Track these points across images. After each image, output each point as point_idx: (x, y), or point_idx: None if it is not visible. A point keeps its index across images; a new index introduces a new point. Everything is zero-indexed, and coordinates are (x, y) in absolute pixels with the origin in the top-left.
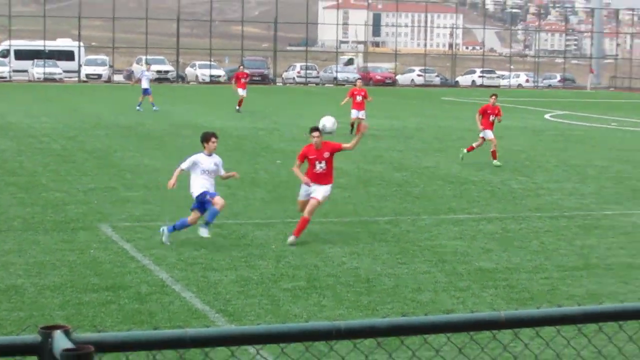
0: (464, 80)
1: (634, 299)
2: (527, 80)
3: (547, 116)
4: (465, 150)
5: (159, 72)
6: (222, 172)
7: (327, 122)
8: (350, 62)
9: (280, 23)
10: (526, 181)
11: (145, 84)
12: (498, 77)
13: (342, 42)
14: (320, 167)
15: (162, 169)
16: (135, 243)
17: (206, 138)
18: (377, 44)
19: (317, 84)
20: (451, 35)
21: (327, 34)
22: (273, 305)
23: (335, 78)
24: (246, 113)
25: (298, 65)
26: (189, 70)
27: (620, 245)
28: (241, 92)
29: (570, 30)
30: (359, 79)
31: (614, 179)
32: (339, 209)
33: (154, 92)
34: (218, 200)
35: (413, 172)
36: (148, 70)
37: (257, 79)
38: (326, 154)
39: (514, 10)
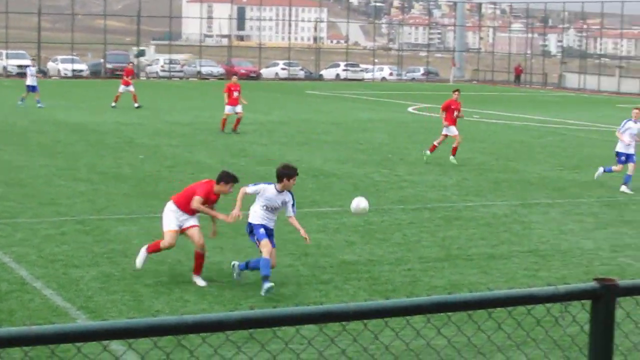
0: (328, 73)
1: (491, 288)
2: (390, 74)
3: (410, 109)
4: (428, 152)
5: (19, 66)
6: (291, 212)
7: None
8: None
9: (144, 17)
10: (389, 174)
11: (29, 81)
12: (362, 70)
13: (206, 36)
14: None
15: (23, 166)
16: None
17: (288, 175)
18: (241, 38)
19: (181, 77)
20: (315, 29)
21: (191, 27)
22: (135, 302)
23: (199, 72)
24: (109, 107)
25: (162, 58)
26: (50, 65)
27: (481, 236)
28: (123, 88)
29: (434, 24)
30: (234, 74)
31: (475, 171)
32: None
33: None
34: (267, 249)
35: (276, 166)
36: (33, 66)
37: (121, 73)
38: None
39: (377, 4)
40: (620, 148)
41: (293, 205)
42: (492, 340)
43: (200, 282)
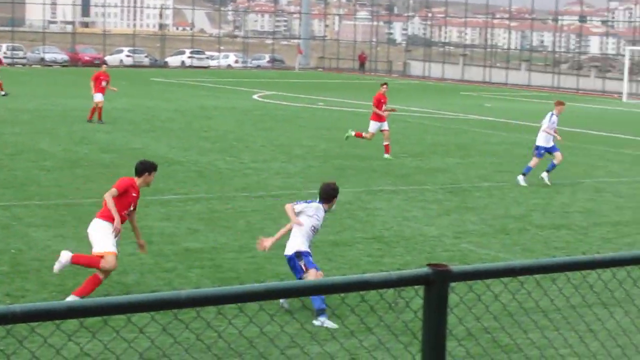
0: (173, 61)
1: (338, 274)
2: (236, 61)
3: (255, 96)
4: (352, 133)
5: None
6: None
7: None
8: None
9: None
10: (233, 161)
11: None
12: (207, 57)
13: (50, 22)
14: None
15: None
16: None
17: (334, 195)
18: (86, 25)
19: (24, 64)
20: (161, 15)
21: (34, 13)
22: None
23: (43, 59)
24: None
25: (4, 45)
26: None
27: (326, 223)
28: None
29: (280, 12)
30: (104, 63)
31: (320, 157)
32: (44, 192)
33: None
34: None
35: (121, 154)
36: None
37: None
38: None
39: None
40: (541, 142)
41: None
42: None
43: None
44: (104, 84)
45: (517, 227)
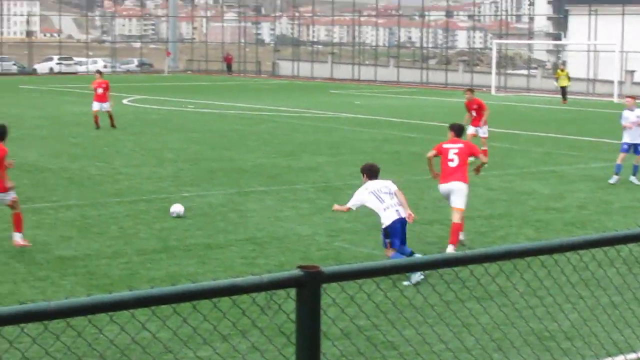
0: (41, 67)
1: (210, 278)
2: (105, 66)
3: (125, 101)
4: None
5: None
6: None
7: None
8: None
9: None
10: (105, 167)
11: None
12: (76, 63)
13: None
14: None
15: None
16: None
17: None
18: None
19: None
20: (28, 22)
21: None
22: None
23: None
24: None
25: None
26: None
27: (198, 226)
28: None
29: (147, 15)
30: (98, 71)
31: (190, 160)
32: None
33: None
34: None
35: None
36: None
37: None
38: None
39: None
40: (625, 138)
41: None
42: (198, 331)
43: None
44: (100, 91)
45: None
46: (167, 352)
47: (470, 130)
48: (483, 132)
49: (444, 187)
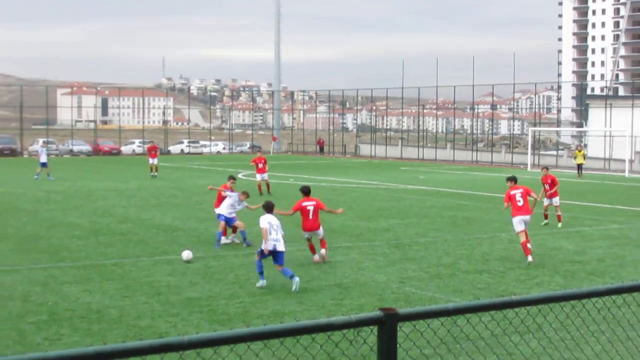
0: (174, 149)
1: (308, 315)
2: (224, 148)
3: (240, 175)
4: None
5: None
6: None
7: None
8: None
9: (25, 106)
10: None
11: (43, 159)
12: (201, 146)
13: (77, 121)
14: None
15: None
16: None
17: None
18: (105, 122)
19: (57, 155)
20: (164, 114)
21: (64, 114)
22: (20, 337)
23: (71, 150)
24: None
25: (41, 140)
26: None
27: (297, 274)
28: None
29: (257, 108)
30: (258, 150)
31: (293, 222)
32: (74, 255)
33: None
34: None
35: (134, 223)
36: (43, 147)
37: (7, 152)
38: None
39: (212, 93)
40: None
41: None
42: None
43: None
44: (260, 165)
45: (448, 272)
46: None
47: (546, 202)
48: (556, 201)
49: (517, 218)
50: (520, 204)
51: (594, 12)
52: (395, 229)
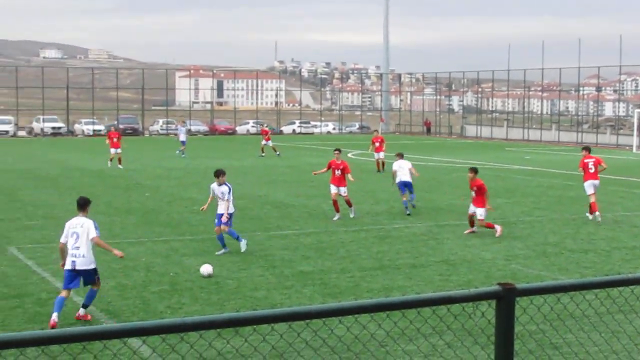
0: (286, 129)
1: (416, 290)
2: (334, 128)
3: (349, 155)
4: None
5: (53, 128)
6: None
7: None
8: None
9: (146, 89)
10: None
11: (182, 137)
12: (312, 126)
13: (194, 102)
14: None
15: (56, 203)
16: (36, 260)
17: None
18: (220, 103)
19: (175, 134)
20: (276, 95)
21: (182, 96)
22: (144, 305)
23: (189, 130)
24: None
25: (161, 120)
26: (77, 126)
27: (405, 250)
28: (113, 151)
29: (366, 90)
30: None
31: (398, 200)
32: (193, 229)
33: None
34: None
35: (249, 200)
36: (183, 126)
37: (130, 131)
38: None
39: (323, 76)
40: None
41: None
42: (420, 330)
43: None
44: (377, 144)
45: (554, 251)
46: (381, 347)
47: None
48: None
49: (588, 182)
50: (592, 170)
51: None
52: (501, 207)
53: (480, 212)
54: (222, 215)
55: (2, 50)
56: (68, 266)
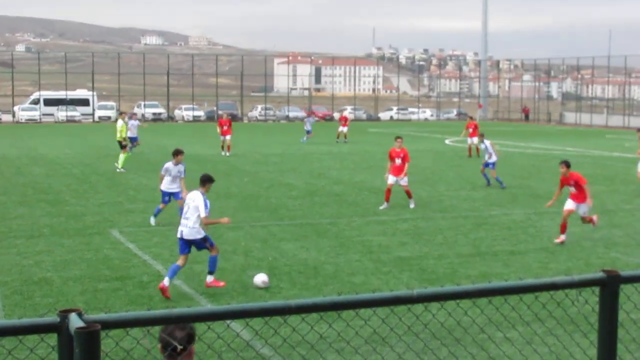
0: (384, 115)
1: (514, 277)
2: (431, 115)
3: (447, 141)
4: None
5: (154, 114)
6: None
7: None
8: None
9: (245, 75)
10: (431, 190)
11: (307, 127)
12: (410, 113)
13: (292, 88)
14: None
15: (157, 187)
16: (138, 243)
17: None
18: (318, 90)
19: (274, 120)
20: (374, 82)
21: (280, 82)
22: (243, 288)
23: (287, 116)
24: (219, 143)
25: (259, 106)
26: (177, 112)
27: (503, 237)
28: (222, 138)
29: (464, 77)
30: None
31: (497, 187)
32: (291, 214)
33: (153, 131)
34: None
35: (347, 185)
36: (310, 116)
37: (229, 117)
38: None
39: (420, 63)
40: None
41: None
42: (522, 317)
43: None
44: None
45: None
46: (482, 333)
47: None
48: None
49: None
50: None
51: None
52: (600, 195)
53: (583, 210)
54: (178, 193)
55: (105, 37)
56: (178, 234)
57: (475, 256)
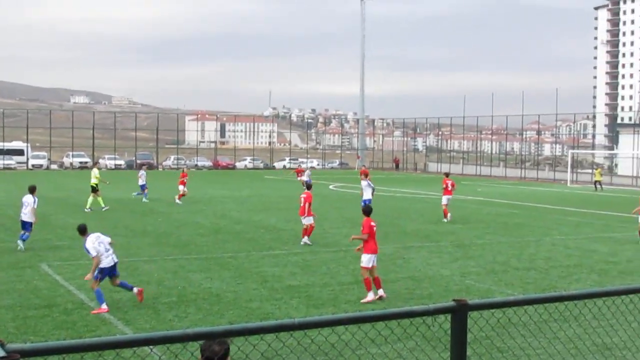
0: (278, 165)
1: (382, 305)
2: (318, 164)
3: (331, 187)
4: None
5: (81, 162)
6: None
7: None
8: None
9: (161, 130)
10: (317, 227)
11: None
12: (300, 162)
13: (200, 141)
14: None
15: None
16: (64, 275)
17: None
18: (223, 143)
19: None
20: (270, 136)
21: (191, 136)
22: (155, 314)
23: (196, 165)
24: (138, 188)
25: (173, 156)
26: (101, 161)
27: (377, 268)
28: (181, 188)
29: (345, 132)
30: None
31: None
32: (199, 249)
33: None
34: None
35: (246, 224)
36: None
37: (146, 165)
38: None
39: (309, 120)
40: None
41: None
42: (388, 339)
43: None
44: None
45: (502, 269)
46: (354, 353)
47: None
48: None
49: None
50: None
51: (624, 55)
52: (457, 232)
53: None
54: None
55: (39, 95)
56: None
57: (353, 284)
